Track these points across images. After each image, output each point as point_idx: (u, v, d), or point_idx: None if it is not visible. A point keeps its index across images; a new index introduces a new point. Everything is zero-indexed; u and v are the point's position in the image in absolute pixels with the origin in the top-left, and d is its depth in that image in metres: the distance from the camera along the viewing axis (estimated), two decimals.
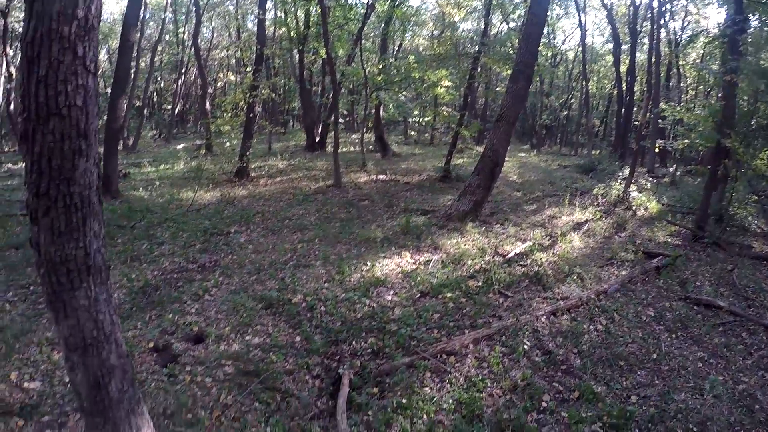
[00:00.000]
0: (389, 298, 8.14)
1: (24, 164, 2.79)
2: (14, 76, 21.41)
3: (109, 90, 14.19)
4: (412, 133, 33.21)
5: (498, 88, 31.67)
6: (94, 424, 3.17)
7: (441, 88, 18.96)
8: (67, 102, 2.64)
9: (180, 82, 36.87)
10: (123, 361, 3.18)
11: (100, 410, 3.12)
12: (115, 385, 3.11)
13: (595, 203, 13.53)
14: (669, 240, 11.17)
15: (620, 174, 16.24)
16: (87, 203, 2.78)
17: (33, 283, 7.93)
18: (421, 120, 30.31)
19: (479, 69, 19.97)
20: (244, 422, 5.33)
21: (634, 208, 13.27)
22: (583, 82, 31.83)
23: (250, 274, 8.83)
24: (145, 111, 33.69)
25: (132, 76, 22.10)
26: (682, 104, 22.70)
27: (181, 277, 8.59)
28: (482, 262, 9.39)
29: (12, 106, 22.33)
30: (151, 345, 6.45)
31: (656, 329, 7.41)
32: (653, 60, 22.21)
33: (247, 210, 12.65)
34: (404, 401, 5.71)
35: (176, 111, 37.66)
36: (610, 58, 33.05)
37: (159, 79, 41.27)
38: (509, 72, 13.97)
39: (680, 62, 29.57)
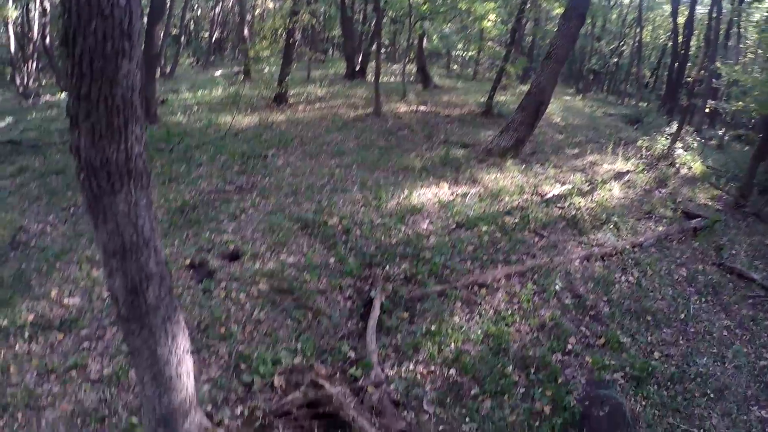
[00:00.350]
0: (425, 226, 8.14)
1: (65, 72, 2.66)
2: (48, 10, 21.16)
3: (145, 18, 13.85)
4: (455, 66, 32.21)
5: (547, 27, 30.30)
6: (131, 331, 3.21)
7: (488, 21, 18.14)
8: (110, 1, 2.51)
9: (217, 9, 35.90)
10: (161, 268, 3.16)
11: (136, 316, 3.14)
12: (153, 292, 3.11)
13: (638, 155, 13.10)
14: (710, 203, 10.84)
15: (667, 129, 15.64)
16: (129, 106, 2.68)
17: (73, 205, 8.13)
18: (464, 53, 29.25)
19: (529, 4, 19.02)
20: (275, 338, 5.50)
21: (677, 165, 12.84)
22: (637, 30, 30.22)
23: (287, 196, 8.84)
24: (182, 39, 33.03)
25: (168, 4, 21.58)
26: (739, 65, 21.50)
27: (218, 197, 8.63)
28: (520, 200, 9.30)
29: (48, 41, 22.18)
30: (188, 262, 6.59)
31: (687, 290, 7.33)
32: (714, 15, 20.89)
33: (285, 134, 12.53)
34: (433, 328, 5.81)
35: (213, 38, 36.93)
36: (667, 8, 31.06)
37: (196, 7, 40.17)
38: (561, 10, 13.31)
39: (742, 21, 27.83)
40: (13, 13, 21.29)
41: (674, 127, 15.05)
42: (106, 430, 4.35)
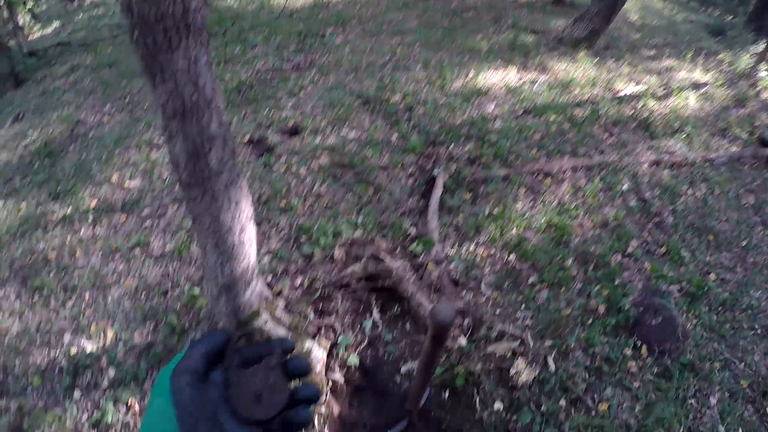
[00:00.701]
0: (491, 109, 7.68)
1: None
2: None
3: None
4: None
5: None
6: (192, 197, 2.98)
7: None
8: None
9: None
10: (223, 129, 2.87)
11: (198, 181, 2.88)
12: (215, 155, 2.84)
13: (718, 69, 12.07)
14: None
15: (752, 48, 14.37)
16: None
17: (128, 94, 8.23)
18: None
19: None
20: (336, 211, 5.40)
21: (759, 88, 11.87)
22: None
23: (347, 73, 8.49)
24: None
25: None
26: None
27: (275, 76, 8.41)
28: (591, 94, 8.68)
29: None
30: (247, 138, 6.53)
31: (752, 219, 6.86)
32: None
33: (343, 13, 11.79)
34: (496, 211, 5.58)
35: None
36: None
37: None
38: None
39: None
40: None
41: (761, 46, 13.81)
42: (168, 302, 4.49)
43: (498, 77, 8.72)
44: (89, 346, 4.24)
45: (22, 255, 5.22)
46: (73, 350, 4.22)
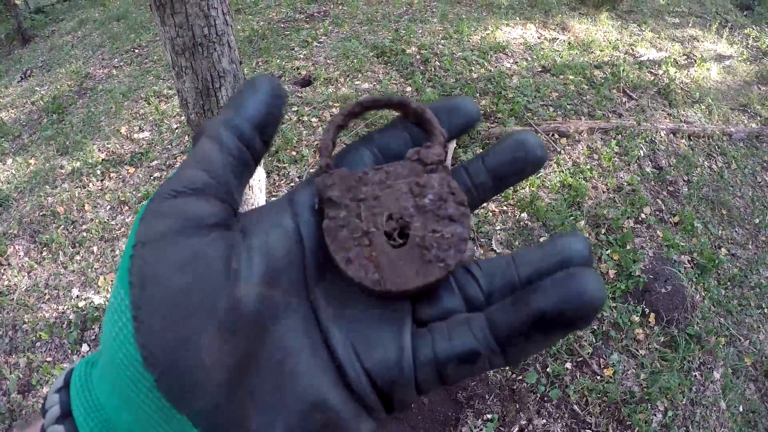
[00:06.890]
0: (508, 65, 7.44)
1: None
2: None
3: None
4: None
5: None
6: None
7: None
8: None
9: None
10: (235, 67, 2.73)
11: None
12: (226, 93, 2.72)
13: (744, 43, 11.73)
14: None
15: None
16: None
17: (137, 47, 8.21)
18: None
19: None
20: None
21: None
22: None
23: (362, 24, 8.30)
24: None
25: None
26: None
27: (288, 26, 8.29)
28: (611, 56, 8.41)
29: None
30: None
31: (767, 196, 6.73)
32: None
33: None
34: None
35: None
36: None
37: None
38: None
39: None
40: None
41: None
42: None
43: (517, 34, 8.45)
44: (97, 299, 4.27)
45: (30, 211, 5.22)
46: (81, 304, 4.24)
